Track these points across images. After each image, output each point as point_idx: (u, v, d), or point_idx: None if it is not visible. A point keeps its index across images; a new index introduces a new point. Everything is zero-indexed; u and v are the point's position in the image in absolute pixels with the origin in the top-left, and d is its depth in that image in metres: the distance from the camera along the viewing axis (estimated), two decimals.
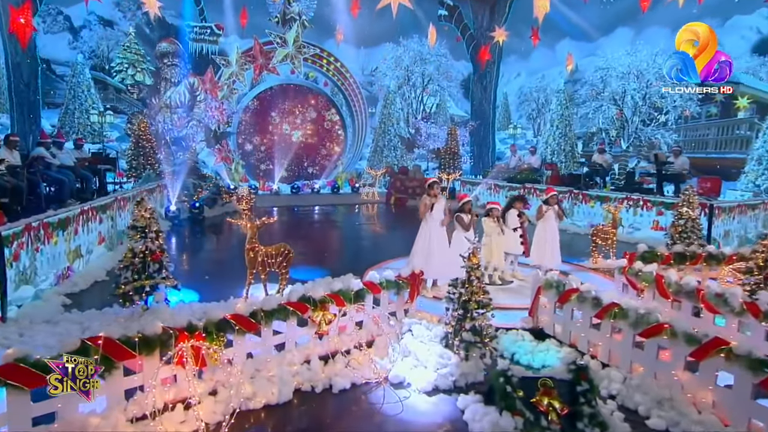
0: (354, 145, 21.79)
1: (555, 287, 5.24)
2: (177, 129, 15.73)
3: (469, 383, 4.40)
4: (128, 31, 20.49)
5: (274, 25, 18.97)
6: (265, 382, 4.13)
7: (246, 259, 6.40)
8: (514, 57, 24.30)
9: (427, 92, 24.15)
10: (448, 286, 4.76)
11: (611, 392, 4.21)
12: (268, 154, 19.99)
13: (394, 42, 23.33)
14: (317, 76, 21.90)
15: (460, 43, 23.75)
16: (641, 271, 5.77)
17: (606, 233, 8.95)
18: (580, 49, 21.83)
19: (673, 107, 16.71)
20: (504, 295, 6.58)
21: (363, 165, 22.05)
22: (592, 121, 19.11)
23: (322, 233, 11.87)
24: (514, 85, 26.56)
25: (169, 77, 17.21)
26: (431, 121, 22.65)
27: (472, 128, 22.37)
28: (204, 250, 10.43)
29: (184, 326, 3.86)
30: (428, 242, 6.51)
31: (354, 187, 19.52)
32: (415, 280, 5.62)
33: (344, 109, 21.82)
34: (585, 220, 12.62)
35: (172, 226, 11.87)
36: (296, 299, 4.62)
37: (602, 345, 4.69)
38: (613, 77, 17.81)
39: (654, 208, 11.39)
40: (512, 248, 7.47)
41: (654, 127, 17.48)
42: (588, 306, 4.81)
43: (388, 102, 22.08)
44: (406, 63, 23.09)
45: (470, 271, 4.58)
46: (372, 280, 5.23)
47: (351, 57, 22.70)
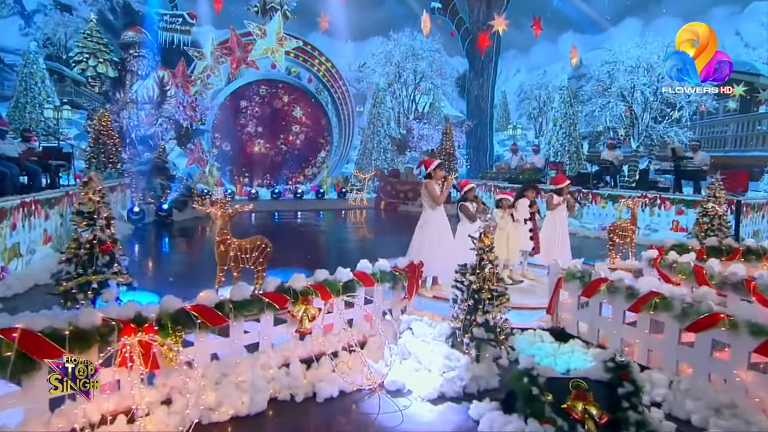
0: (340, 146, 21.60)
1: (579, 278, 4.78)
2: (144, 126, 15.17)
3: (482, 389, 3.89)
4: (89, 18, 19.75)
5: (254, 15, 18.86)
6: (233, 389, 3.58)
7: (216, 254, 5.86)
8: (513, 52, 24.51)
9: (420, 90, 24.01)
10: (455, 273, 4.27)
11: (655, 399, 3.72)
12: (246, 156, 19.57)
13: (383, 36, 23.29)
14: (300, 72, 21.93)
15: (454, 38, 23.74)
16: (677, 262, 5.33)
17: (624, 230, 8.47)
18: (584, 42, 21.94)
19: (688, 102, 16.51)
20: (515, 295, 6.09)
21: (350, 168, 21.81)
22: (598, 120, 18.80)
23: (305, 241, 11.41)
24: (514, 83, 26.74)
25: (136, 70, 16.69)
26: (424, 121, 22.37)
27: (468, 129, 22.21)
28: (170, 253, 9.84)
29: (130, 317, 3.31)
30: (429, 234, 6.02)
31: (340, 191, 19.26)
32: (415, 272, 5.12)
33: (330, 107, 21.74)
34: (595, 222, 12.38)
35: (135, 229, 11.31)
36: (273, 290, 4.09)
37: (640, 344, 4.21)
38: (621, 71, 17.52)
39: (673, 207, 11.12)
40: (522, 243, 7.07)
41: (666, 124, 17.24)
42: (621, 297, 4.35)
43: (378, 100, 21.92)
44: (396, 59, 22.89)
45: (482, 254, 4.09)
46: (364, 270, 4.72)
47: (337, 51, 22.75)
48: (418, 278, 5.29)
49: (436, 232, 6.00)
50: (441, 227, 6.06)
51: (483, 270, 4.10)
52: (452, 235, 6.20)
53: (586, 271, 4.81)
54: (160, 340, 3.31)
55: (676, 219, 10.94)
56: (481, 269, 4.10)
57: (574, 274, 4.86)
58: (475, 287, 4.09)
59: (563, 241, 7.22)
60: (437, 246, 5.90)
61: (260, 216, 14.75)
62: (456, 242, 6.31)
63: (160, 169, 13.13)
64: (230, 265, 5.88)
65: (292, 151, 20.47)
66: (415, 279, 5.21)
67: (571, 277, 4.88)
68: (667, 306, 3.94)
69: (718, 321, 3.60)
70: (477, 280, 4.08)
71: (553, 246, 6.99)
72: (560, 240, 7.19)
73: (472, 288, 4.10)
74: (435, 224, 6.03)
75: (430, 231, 6.01)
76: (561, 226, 7.21)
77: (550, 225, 7.26)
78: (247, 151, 19.62)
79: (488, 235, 4.12)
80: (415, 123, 22.15)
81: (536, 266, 7.61)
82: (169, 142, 15.42)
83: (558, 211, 7.20)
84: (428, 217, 6.10)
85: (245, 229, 12.23)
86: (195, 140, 16.85)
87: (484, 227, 4.13)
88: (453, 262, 4.44)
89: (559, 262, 5.12)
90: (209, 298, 3.74)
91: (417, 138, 21.55)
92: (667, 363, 3.98)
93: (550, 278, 5.16)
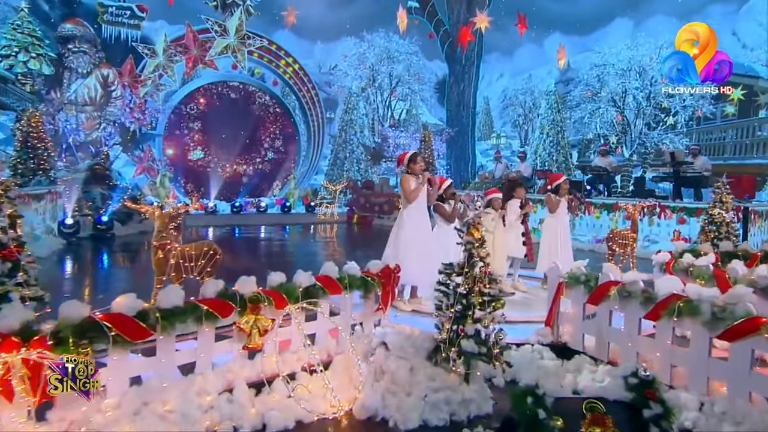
0: (309, 155, 21.18)
1: (583, 282, 4.35)
2: (84, 130, 14.50)
3: (473, 416, 3.38)
4: (19, 6, 18.85)
5: (212, 9, 18.38)
6: (156, 421, 3.00)
7: (153, 261, 5.30)
8: (496, 54, 24.78)
9: (396, 96, 23.92)
10: (438, 274, 3.79)
11: (684, 425, 3.26)
12: (202, 166, 19.01)
13: (356, 36, 23.23)
14: (264, 73, 21.46)
15: (433, 41, 23.75)
16: (693, 266, 4.95)
17: (625, 238, 8.28)
18: (572, 44, 22.18)
19: (683, 107, 16.55)
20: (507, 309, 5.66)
21: (320, 179, 21.44)
22: (588, 127, 18.82)
23: (268, 256, 10.95)
24: (497, 88, 26.78)
25: (75, 67, 15.94)
26: (401, 128, 22.28)
27: (448, 137, 22.12)
28: (106, 270, 9.12)
29: (15, 329, 2.72)
30: (405, 237, 5.53)
31: (309, 205, 18.71)
32: (390, 278, 4.63)
33: (297, 112, 21.38)
34: (589, 234, 12.14)
35: (67, 243, 10.56)
36: (213, 294, 3.54)
37: (660, 358, 3.77)
38: (612, 75, 17.49)
39: (674, 215, 10.92)
40: (513, 250, 6.67)
41: (661, 130, 17.26)
42: (635, 303, 3.93)
43: (350, 106, 21.70)
44: (371, 61, 22.79)
45: (471, 250, 3.62)
46: (329, 274, 4.21)
47: (306, 52, 22.70)
48: (394, 285, 4.79)
49: (414, 235, 5.52)
50: (419, 229, 5.58)
51: (472, 269, 3.63)
52: (434, 239, 5.73)
53: (592, 274, 4.39)
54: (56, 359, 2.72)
55: (677, 229, 10.72)
56: (470, 268, 3.63)
57: (577, 278, 4.44)
58: (462, 290, 3.61)
59: (566, 247, 6.82)
60: (415, 251, 5.41)
61: (219, 231, 14.42)
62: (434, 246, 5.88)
63: (100, 177, 12.43)
64: (170, 275, 5.35)
65: (256, 161, 19.92)
66: (391, 286, 4.71)
67: (574, 281, 4.46)
68: (694, 311, 3.51)
69: (759, 326, 3.17)
70: (465, 282, 3.60)
71: (555, 253, 6.53)
72: (563, 246, 6.77)
73: (459, 291, 3.62)
74: (412, 225, 5.56)
75: (405, 233, 5.53)
76: (563, 230, 6.80)
77: (551, 230, 6.83)
78: (204, 160, 18.97)
79: (478, 227, 3.66)
80: (391, 131, 22.02)
81: (529, 278, 7.26)
82: (114, 148, 14.72)
83: (558, 214, 6.79)
84: (404, 217, 5.64)
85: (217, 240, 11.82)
86: (144, 147, 16.29)
87: (473, 217, 3.67)
88: (434, 270, 3.99)
89: (560, 264, 4.68)
90: (128, 305, 3.16)
91: (393, 147, 21.40)
92: (696, 381, 3.54)
93: (549, 284, 4.74)
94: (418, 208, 5.61)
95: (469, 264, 3.64)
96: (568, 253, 6.75)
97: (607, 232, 10.10)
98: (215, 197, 18.71)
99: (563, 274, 4.57)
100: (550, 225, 6.84)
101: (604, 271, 4.29)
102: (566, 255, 6.63)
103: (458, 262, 3.70)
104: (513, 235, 6.62)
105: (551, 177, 7.22)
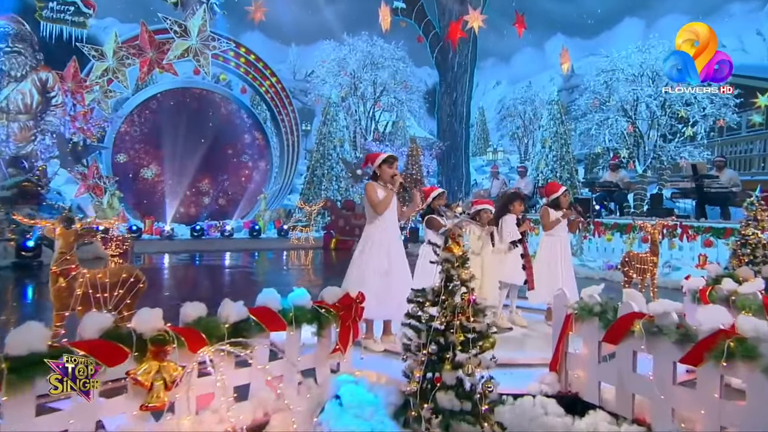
0: (282, 172, 20.93)
1: (598, 313, 3.75)
2: (16, 142, 13.93)
3: None
4: None
5: (171, 7, 18.13)
6: None
7: (51, 292, 4.66)
8: (492, 60, 24.70)
9: (380, 106, 23.75)
10: (408, 303, 3.16)
11: None
12: (158, 184, 18.54)
13: (335, 39, 23.12)
14: (231, 80, 21.38)
15: (422, 45, 23.75)
16: (737, 293, 4.37)
17: (643, 261, 7.92)
18: (576, 47, 22.07)
19: (703, 117, 16.32)
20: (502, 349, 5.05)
21: (294, 199, 21.12)
22: (595, 139, 18.64)
23: (231, 288, 10.53)
24: (493, 97, 26.79)
25: (8, 69, 15.33)
26: (386, 143, 22.18)
27: (439, 152, 22.01)
28: (25, 306, 8.39)
29: None
30: (371, 259, 4.93)
31: (281, 228, 18.41)
32: (351, 310, 3.98)
33: (268, 124, 21.28)
34: (600, 259, 11.88)
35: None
36: (96, 334, 2.86)
37: (706, 417, 3.13)
38: (621, 81, 17.38)
39: (698, 237, 10.57)
40: (509, 276, 6.11)
41: (678, 142, 17.02)
42: (669, 342, 3.30)
43: (329, 117, 21.45)
44: (352, 67, 22.66)
45: (449, 271, 2.99)
46: (268, 305, 3.55)
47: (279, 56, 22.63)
48: (357, 319, 4.14)
49: (382, 256, 4.90)
50: (389, 248, 4.96)
51: (451, 297, 2.99)
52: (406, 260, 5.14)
53: (609, 303, 3.78)
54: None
55: (703, 252, 10.37)
56: (448, 295, 2.99)
57: (590, 309, 3.82)
58: (438, 325, 2.96)
59: (567, 273, 6.31)
60: (385, 276, 4.79)
61: (176, 258, 14.01)
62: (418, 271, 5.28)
63: (29, 196, 11.76)
64: (76, 309, 4.70)
65: (220, 178, 19.59)
66: (353, 321, 4.06)
67: (586, 313, 3.85)
68: (751, 352, 2.90)
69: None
70: (442, 314, 2.96)
71: (554, 279, 6.03)
72: (564, 272, 6.27)
73: (433, 327, 2.97)
74: (380, 245, 4.94)
75: (371, 255, 4.92)
76: (563, 252, 6.30)
77: (548, 252, 6.35)
78: (160, 178, 18.46)
79: (458, 241, 3.03)
80: (375, 145, 21.70)
81: (529, 310, 6.69)
82: (52, 162, 14.14)
83: (557, 231, 6.30)
84: (370, 234, 5.03)
85: (153, 274, 11.59)
86: (89, 162, 15.69)
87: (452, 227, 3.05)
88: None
89: (567, 292, 4.07)
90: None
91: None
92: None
93: (555, 317, 4.15)
94: (387, 221, 5.01)
95: (447, 290, 3.00)
96: (570, 280, 6.25)
97: (620, 256, 9.76)
98: (172, 220, 18.32)
99: (571, 304, 3.95)
100: (547, 245, 6.36)
101: (626, 299, 3.68)
102: (568, 283, 6.11)
103: (433, 287, 3.06)
104: (510, 258, 6.06)
105: (548, 187, 6.71)
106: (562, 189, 6.45)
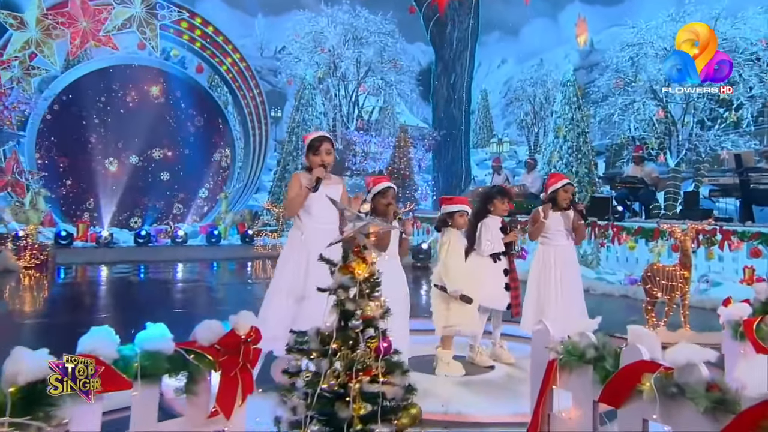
0: (247, 167, 20.90)
1: (592, 360, 3.05)
2: None
3: None
4: None
5: None
6: None
7: None
8: (497, 35, 24.53)
9: (364, 89, 23.81)
10: (284, 351, 2.45)
11: None
12: (93, 180, 18.28)
13: (311, 9, 23.22)
14: (184, 56, 21.26)
15: (414, 17, 23.80)
16: None
17: (670, 277, 7.42)
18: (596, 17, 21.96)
19: (749, 98, 15.95)
20: (474, 396, 4.76)
21: (261, 199, 21.18)
22: (619, 127, 18.29)
23: (181, 309, 10.14)
24: (498, 78, 26.89)
25: None
26: (371, 132, 22.23)
27: (434, 143, 21.98)
28: None
29: None
30: (285, 278, 4.35)
31: (245, 234, 18.38)
32: (239, 352, 3.24)
33: (230, 109, 21.33)
34: (620, 272, 11.69)
35: None
36: None
37: None
38: (650, 57, 16.99)
39: (744, 245, 10.20)
40: (489, 299, 5.52)
41: (719, 130, 16.66)
42: (695, 410, 2.56)
43: (303, 102, 21.66)
44: (331, 42, 22.65)
45: (346, 305, 2.22)
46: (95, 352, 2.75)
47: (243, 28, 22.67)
48: (251, 364, 3.43)
49: (296, 275, 4.26)
50: (305, 266, 4.28)
51: (351, 343, 2.21)
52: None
53: (608, 345, 3.07)
54: None
55: (749, 265, 9.97)
56: (344, 341, 2.20)
57: (581, 354, 3.11)
58: (327, 390, 2.17)
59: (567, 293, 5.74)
60: (295, 302, 4.13)
61: (114, 271, 13.78)
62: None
63: None
64: None
65: (171, 175, 19.41)
66: (244, 367, 3.32)
67: (575, 359, 3.13)
68: None
69: None
70: (332, 373, 2.17)
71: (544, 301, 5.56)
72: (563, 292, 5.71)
73: (321, 390, 2.19)
74: (296, 262, 4.32)
75: (283, 274, 4.33)
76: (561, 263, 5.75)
77: (539, 263, 5.84)
78: (96, 173, 18.20)
79: (365, 255, 2.27)
80: (359, 135, 21.97)
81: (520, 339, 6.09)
82: None
83: (553, 238, 5.75)
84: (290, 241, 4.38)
85: (86, 288, 11.78)
86: (7, 153, 15.62)
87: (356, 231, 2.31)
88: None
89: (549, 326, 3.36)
90: None
91: (361, 156, 21.39)
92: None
93: (533, 361, 3.51)
94: (307, 228, 4.31)
95: (343, 333, 2.21)
96: (573, 303, 5.72)
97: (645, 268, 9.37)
98: (112, 224, 18.21)
99: (555, 345, 3.22)
100: (539, 257, 5.87)
101: (631, 340, 2.93)
102: (569, 306, 5.60)
103: (323, 328, 2.28)
104: (491, 275, 5.48)
105: (548, 179, 6.14)
106: (563, 181, 5.81)
